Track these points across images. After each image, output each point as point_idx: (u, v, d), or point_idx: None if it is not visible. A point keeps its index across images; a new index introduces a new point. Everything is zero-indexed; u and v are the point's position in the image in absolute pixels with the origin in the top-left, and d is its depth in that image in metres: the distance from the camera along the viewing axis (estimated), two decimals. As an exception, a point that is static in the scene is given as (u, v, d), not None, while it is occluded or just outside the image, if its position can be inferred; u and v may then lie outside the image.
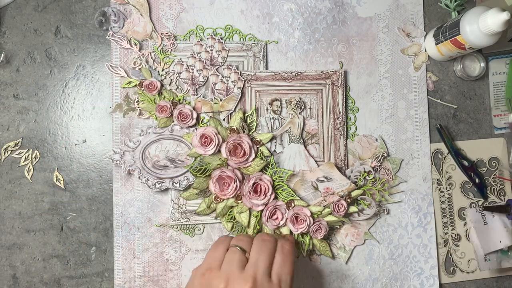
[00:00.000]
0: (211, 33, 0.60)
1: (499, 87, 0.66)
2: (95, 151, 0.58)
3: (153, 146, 0.57)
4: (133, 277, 0.57)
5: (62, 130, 0.58)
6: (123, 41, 0.58)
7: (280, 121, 0.60)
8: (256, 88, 0.59)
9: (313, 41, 0.62)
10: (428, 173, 0.63)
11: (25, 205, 0.56)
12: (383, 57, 0.63)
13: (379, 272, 0.61)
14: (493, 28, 0.52)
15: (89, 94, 0.58)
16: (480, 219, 0.63)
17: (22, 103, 0.57)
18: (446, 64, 0.65)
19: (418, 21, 0.64)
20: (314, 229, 0.57)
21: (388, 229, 0.62)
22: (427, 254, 0.62)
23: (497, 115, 0.65)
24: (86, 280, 0.57)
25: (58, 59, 0.58)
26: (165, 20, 0.59)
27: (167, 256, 0.58)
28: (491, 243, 0.62)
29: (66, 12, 0.58)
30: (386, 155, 0.62)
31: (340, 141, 0.61)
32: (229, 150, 0.56)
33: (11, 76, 0.57)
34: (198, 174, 0.56)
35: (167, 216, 0.58)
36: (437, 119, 0.64)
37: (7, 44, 0.57)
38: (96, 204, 0.57)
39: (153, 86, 0.57)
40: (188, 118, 0.57)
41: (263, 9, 0.61)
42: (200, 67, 0.58)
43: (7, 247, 0.56)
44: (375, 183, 0.61)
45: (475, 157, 0.65)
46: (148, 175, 0.56)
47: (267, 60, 0.61)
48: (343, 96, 0.61)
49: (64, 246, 0.57)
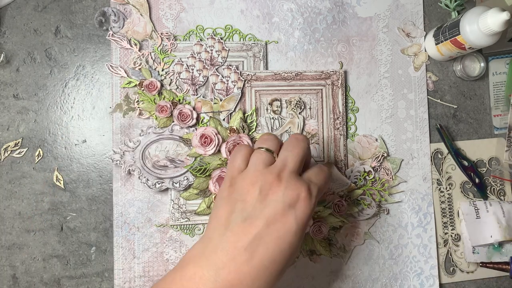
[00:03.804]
0: (211, 33, 0.60)
1: (499, 87, 0.66)
2: (95, 151, 0.58)
3: (153, 146, 0.57)
4: (133, 277, 0.57)
5: (62, 130, 0.58)
6: (123, 41, 0.58)
7: (280, 121, 0.60)
8: (256, 88, 0.59)
9: (313, 41, 0.62)
10: (428, 173, 0.63)
11: (25, 205, 0.56)
12: (383, 57, 0.63)
13: (379, 272, 0.61)
14: (493, 28, 0.52)
15: (89, 94, 0.58)
16: (473, 212, 0.63)
17: (22, 103, 0.57)
18: (446, 64, 0.65)
19: (418, 21, 0.64)
20: (314, 229, 0.57)
21: (388, 229, 0.62)
22: (427, 254, 0.62)
23: (497, 115, 0.65)
24: (86, 280, 0.57)
25: (58, 59, 0.58)
26: (165, 20, 0.59)
27: (167, 256, 0.58)
28: (481, 236, 0.62)
29: (66, 12, 0.58)
30: (386, 155, 0.62)
31: (340, 141, 0.61)
32: (229, 150, 0.56)
33: (11, 76, 0.57)
34: (198, 174, 0.56)
35: (167, 216, 0.58)
36: (437, 119, 0.64)
37: (7, 44, 0.57)
38: (96, 204, 0.57)
39: (153, 86, 0.57)
40: (188, 118, 0.57)
41: (263, 9, 0.61)
42: (200, 67, 0.58)
43: (7, 247, 0.56)
44: (375, 183, 0.61)
45: (475, 157, 0.65)
46: (148, 175, 0.56)
47: (267, 60, 0.61)
48: (343, 96, 0.61)
49: (64, 246, 0.57)
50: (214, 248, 0.39)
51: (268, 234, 0.38)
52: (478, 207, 0.63)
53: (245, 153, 0.44)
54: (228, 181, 0.43)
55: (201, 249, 0.40)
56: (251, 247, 0.38)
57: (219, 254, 0.38)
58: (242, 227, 0.39)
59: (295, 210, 0.39)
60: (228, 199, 0.41)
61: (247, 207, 0.40)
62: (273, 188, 0.40)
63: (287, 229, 0.39)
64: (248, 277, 0.38)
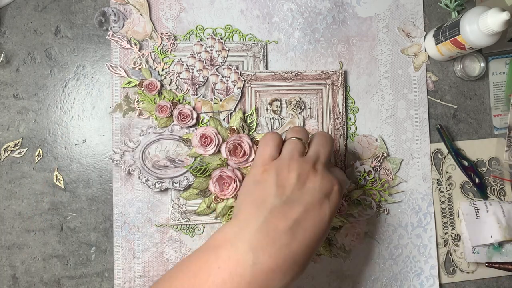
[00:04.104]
0: (211, 33, 0.60)
1: (499, 87, 0.66)
2: (95, 151, 0.58)
3: (153, 146, 0.57)
4: (133, 277, 0.57)
5: (62, 130, 0.58)
6: (123, 41, 0.58)
7: (280, 121, 0.60)
8: (256, 88, 0.59)
9: (313, 41, 0.62)
10: (428, 173, 0.63)
11: (25, 205, 0.56)
12: (383, 57, 0.63)
13: (379, 272, 0.61)
14: (493, 28, 0.52)
15: (89, 94, 0.58)
16: (473, 212, 0.63)
17: (22, 103, 0.57)
18: (446, 64, 0.65)
19: (418, 21, 0.64)
20: (314, 229, 0.57)
21: (388, 229, 0.62)
22: (427, 254, 0.62)
23: (497, 115, 0.65)
24: (86, 280, 0.57)
25: (58, 59, 0.58)
26: (165, 20, 0.59)
27: (167, 256, 0.58)
28: (481, 236, 0.62)
29: (66, 12, 0.58)
30: (386, 155, 0.62)
31: (340, 141, 0.61)
32: (229, 150, 0.56)
33: (11, 76, 0.57)
34: (198, 174, 0.56)
35: (167, 216, 0.58)
36: (437, 119, 0.64)
37: (7, 44, 0.57)
38: (96, 204, 0.57)
39: (153, 86, 0.57)
40: (188, 118, 0.57)
41: (263, 9, 0.61)
42: (200, 67, 0.58)
43: (7, 247, 0.56)
44: (375, 183, 0.61)
45: (475, 157, 0.65)
46: (148, 175, 0.56)
47: (267, 60, 0.61)
48: (343, 96, 0.61)
49: (64, 246, 0.57)
50: (252, 230, 0.38)
51: (306, 220, 0.39)
52: (478, 207, 0.63)
53: (277, 142, 0.45)
54: (261, 167, 0.43)
55: (235, 232, 0.39)
56: (291, 231, 0.38)
57: (258, 237, 0.38)
58: (282, 211, 0.39)
59: (329, 201, 0.41)
60: (265, 184, 0.41)
61: (286, 191, 0.40)
62: (311, 177, 0.41)
63: (322, 217, 0.40)
64: (286, 262, 0.37)
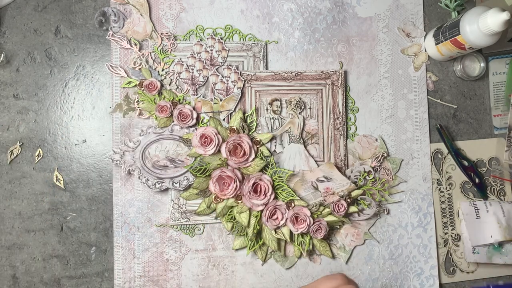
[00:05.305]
0: (211, 33, 0.60)
1: (499, 87, 0.66)
2: (95, 151, 0.58)
3: (153, 146, 0.57)
4: (133, 277, 0.57)
5: (62, 130, 0.58)
6: (123, 41, 0.58)
7: (280, 121, 0.60)
8: (256, 88, 0.59)
9: (313, 41, 0.62)
10: (428, 173, 0.63)
11: (25, 205, 0.56)
12: (383, 57, 0.63)
13: (379, 272, 0.61)
14: (493, 28, 0.52)
15: (89, 94, 0.58)
16: (473, 212, 0.63)
17: (22, 103, 0.57)
18: (446, 64, 0.65)
19: (418, 21, 0.64)
20: (314, 229, 0.57)
21: (388, 229, 0.62)
22: (427, 254, 0.62)
23: (497, 115, 0.65)
24: (86, 280, 0.57)
25: (58, 59, 0.58)
26: (165, 20, 0.59)
27: (167, 256, 0.58)
28: (481, 236, 0.62)
29: (66, 12, 0.58)
30: (386, 155, 0.62)
31: (340, 141, 0.61)
32: (229, 150, 0.56)
33: (11, 76, 0.57)
34: (198, 174, 0.56)
35: (167, 216, 0.58)
36: (437, 119, 0.64)
37: (7, 44, 0.57)
38: (96, 204, 0.57)
39: (153, 86, 0.57)
40: (188, 118, 0.57)
41: (263, 9, 0.61)
42: (200, 67, 0.58)
43: (7, 247, 0.56)
44: (375, 183, 0.61)
45: (475, 157, 0.65)
46: (148, 175, 0.56)
47: (267, 60, 0.61)
48: (343, 96, 0.61)
49: (64, 246, 0.57)
50: None
51: None
52: (478, 207, 0.63)
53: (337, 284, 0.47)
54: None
55: None
56: None
57: None
58: None
59: None
60: None
61: None
62: None
63: None
64: None
